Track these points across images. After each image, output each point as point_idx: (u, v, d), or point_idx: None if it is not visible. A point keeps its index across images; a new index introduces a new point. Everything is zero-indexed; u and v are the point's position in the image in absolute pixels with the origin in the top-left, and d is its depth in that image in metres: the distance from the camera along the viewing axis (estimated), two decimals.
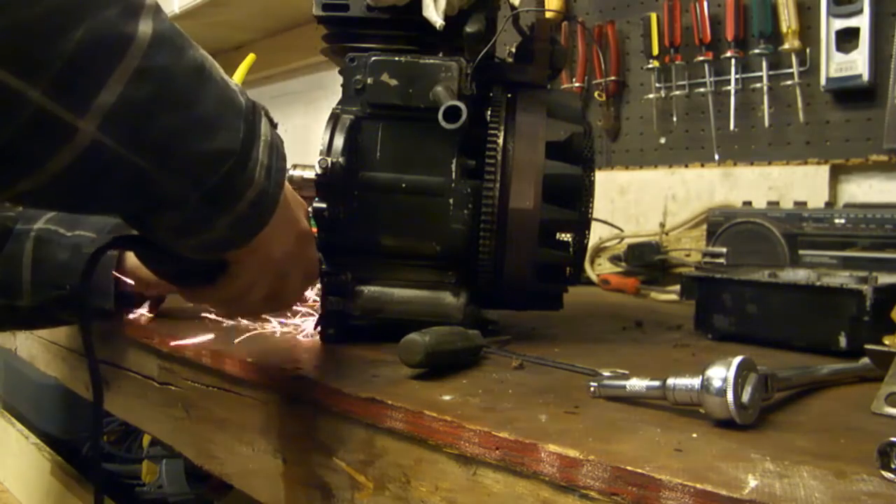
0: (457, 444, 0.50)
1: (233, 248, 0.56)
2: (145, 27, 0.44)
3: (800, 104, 1.40)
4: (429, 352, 0.62)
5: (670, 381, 0.52)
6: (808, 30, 1.40)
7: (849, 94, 1.35)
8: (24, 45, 0.39)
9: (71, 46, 0.40)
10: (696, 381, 0.50)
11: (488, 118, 0.82)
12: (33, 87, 0.40)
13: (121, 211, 0.50)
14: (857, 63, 1.32)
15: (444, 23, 0.77)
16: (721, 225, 1.33)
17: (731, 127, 1.50)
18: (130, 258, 0.92)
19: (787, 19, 1.39)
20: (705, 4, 1.52)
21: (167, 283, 0.65)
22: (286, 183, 0.59)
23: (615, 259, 1.52)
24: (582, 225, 0.85)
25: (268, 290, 0.62)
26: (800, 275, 0.91)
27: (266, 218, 0.54)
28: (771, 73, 1.44)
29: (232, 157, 0.50)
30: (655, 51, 1.61)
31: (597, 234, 1.56)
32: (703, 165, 1.56)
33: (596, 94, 1.74)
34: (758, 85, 1.46)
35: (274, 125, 0.57)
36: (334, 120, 0.78)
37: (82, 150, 0.43)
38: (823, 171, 1.38)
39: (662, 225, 1.57)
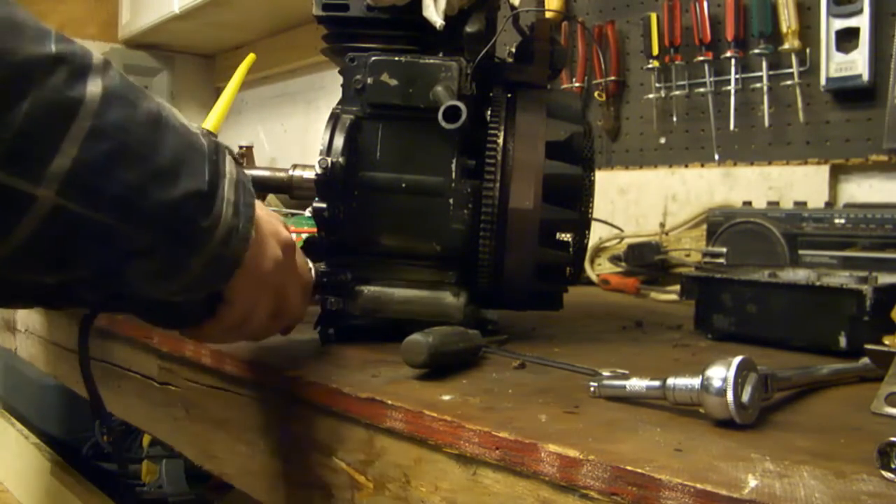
0: (457, 444, 0.50)
1: (214, 287, 0.56)
2: (94, 87, 0.45)
3: (800, 104, 1.39)
4: (433, 352, 0.62)
5: (670, 381, 0.52)
6: (808, 30, 1.40)
7: (849, 94, 1.35)
8: None
9: (19, 119, 0.41)
10: (696, 381, 0.50)
11: (488, 118, 0.82)
12: None
13: (93, 268, 0.50)
14: (857, 63, 1.32)
15: (444, 23, 0.77)
16: (721, 225, 1.32)
17: (731, 127, 1.50)
18: None
19: (787, 19, 1.39)
20: (705, 4, 1.52)
21: None
22: (258, 202, 0.59)
23: (615, 259, 1.52)
24: (582, 225, 0.85)
25: (271, 307, 0.62)
26: (800, 275, 0.91)
27: (240, 254, 0.55)
28: (771, 73, 1.44)
29: (197, 198, 0.50)
30: (655, 51, 1.61)
31: (597, 234, 1.56)
32: (703, 165, 1.56)
33: (596, 94, 1.74)
34: (758, 85, 1.46)
35: (239, 163, 0.57)
36: (334, 120, 0.78)
37: (44, 217, 0.44)
38: (823, 171, 1.38)
39: (662, 225, 1.57)
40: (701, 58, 1.52)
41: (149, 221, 0.48)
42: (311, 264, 0.74)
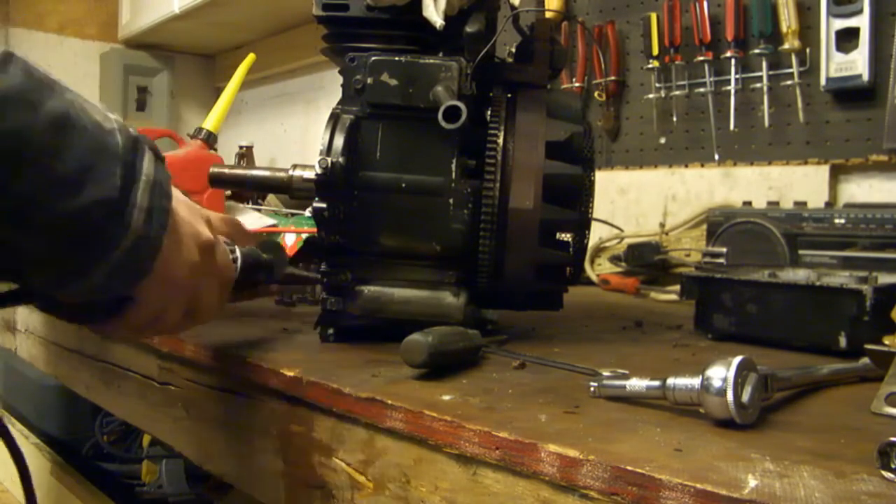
0: (457, 443, 0.50)
1: (119, 292, 0.54)
2: None
3: (800, 104, 1.39)
4: (432, 352, 0.62)
5: (670, 381, 0.52)
6: (808, 30, 1.40)
7: (849, 94, 1.35)
8: None
9: None
10: (696, 381, 0.50)
11: (488, 118, 0.82)
12: None
13: None
14: (857, 63, 1.32)
15: (444, 23, 0.77)
16: (721, 225, 1.33)
17: (731, 127, 1.50)
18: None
19: (787, 19, 1.39)
20: (705, 4, 1.52)
21: None
22: (180, 196, 0.57)
23: (615, 259, 1.52)
24: (582, 225, 0.85)
25: (183, 308, 0.60)
26: (800, 275, 0.91)
27: (147, 264, 0.52)
28: (771, 73, 1.44)
29: (105, 207, 0.48)
30: (655, 51, 1.61)
31: (597, 234, 1.56)
32: (703, 165, 1.56)
33: (596, 94, 1.74)
34: (758, 85, 1.46)
35: (160, 158, 0.54)
36: (334, 120, 0.78)
37: None
38: (823, 171, 1.38)
39: (662, 225, 1.57)
40: (701, 58, 1.53)
41: (46, 232, 0.46)
42: (237, 253, 0.71)
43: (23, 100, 0.44)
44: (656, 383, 0.54)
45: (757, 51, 1.44)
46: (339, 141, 0.76)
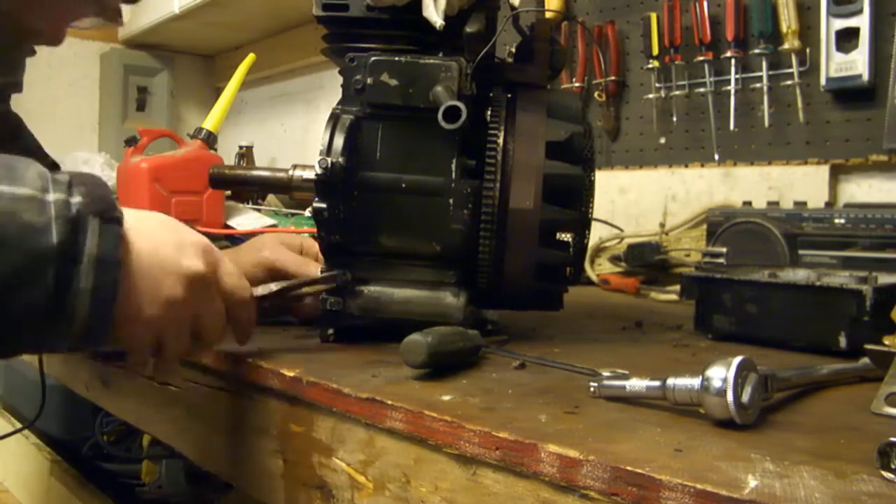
0: (457, 444, 0.50)
1: (96, 347, 0.58)
2: None
3: (800, 104, 1.39)
4: (432, 352, 0.62)
5: (670, 381, 0.52)
6: (808, 30, 1.40)
7: (849, 94, 1.35)
8: None
9: None
10: (696, 381, 0.50)
11: (488, 118, 0.82)
12: None
13: None
14: (857, 63, 1.32)
15: (444, 23, 0.77)
16: (721, 225, 1.32)
17: (731, 127, 1.50)
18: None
19: (787, 19, 1.39)
20: (705, 4, 1.52)
21: None
22: (159, 233, 0.60)
23: (615, 259, 1.52)
24: (582, 225, 0.85)
25: (178, 336, 0.62)
26: (800, 275, 0.91)
27: (107, 329, 0.55)
28: (771, 73, 1.44)
29: (39, 311, 0.51)
30: (655, 51, 1.61)
31: (597, 234, 1.56)
32: (703, 165, 1.56)
33: (596, 94, 1.74)
34: (758, 85, 1.46)
35: (110, 218, 0.54)
36: (334, 120, 0.78)
37: None
38: (823, 171, 1.38)
39: (662, 225, 1.57)
40: (701, 58, 1.52)
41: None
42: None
43: None
44: (656, 383, 0.54)
45: (757, 51, 1.44)
46: (339, 141, 0.76)
